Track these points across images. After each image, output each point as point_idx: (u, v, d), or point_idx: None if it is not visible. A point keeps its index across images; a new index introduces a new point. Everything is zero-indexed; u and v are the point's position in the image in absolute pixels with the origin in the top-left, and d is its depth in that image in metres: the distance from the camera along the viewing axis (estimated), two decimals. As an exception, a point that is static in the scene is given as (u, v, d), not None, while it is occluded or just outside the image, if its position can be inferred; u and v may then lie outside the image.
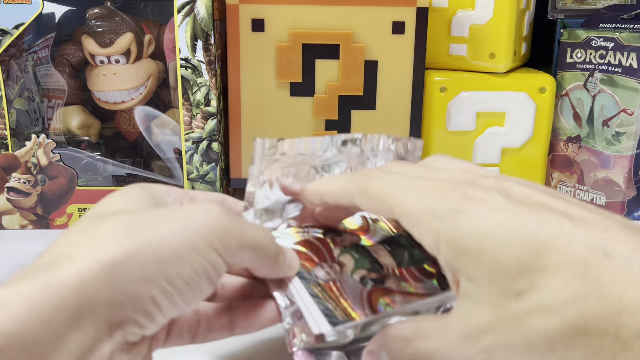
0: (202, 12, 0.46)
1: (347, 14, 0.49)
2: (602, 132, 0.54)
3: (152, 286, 0.22)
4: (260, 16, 0.49)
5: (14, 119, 0.49)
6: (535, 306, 0.21)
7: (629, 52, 0.51)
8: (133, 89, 0.51)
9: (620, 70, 0.52)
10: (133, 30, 0.50)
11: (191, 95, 0.48)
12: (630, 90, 0.51)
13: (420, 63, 0.51)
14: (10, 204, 0.49)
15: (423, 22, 0.50)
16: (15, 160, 0.49)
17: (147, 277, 0.21)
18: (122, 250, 0.21)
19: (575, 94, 0.55)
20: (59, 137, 0.51)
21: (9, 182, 0.49)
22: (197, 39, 0.47)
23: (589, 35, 0.54)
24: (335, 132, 0.52)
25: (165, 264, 0.22)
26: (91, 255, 0.21)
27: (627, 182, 0.53)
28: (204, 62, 0.47)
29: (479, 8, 0.53)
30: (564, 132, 0.57)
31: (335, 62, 0.50)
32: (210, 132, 0.49)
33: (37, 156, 0.49)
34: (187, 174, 0.49)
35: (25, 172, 0.49)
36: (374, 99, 0.51)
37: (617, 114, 0.52)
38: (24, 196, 0.49)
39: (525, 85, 0.54)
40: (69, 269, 0.20)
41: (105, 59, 0.50)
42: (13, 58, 0.48)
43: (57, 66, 0.51)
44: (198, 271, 0.23)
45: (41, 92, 0.51)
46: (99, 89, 0.51)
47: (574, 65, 0.55)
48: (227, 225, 0.24)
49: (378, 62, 0.51)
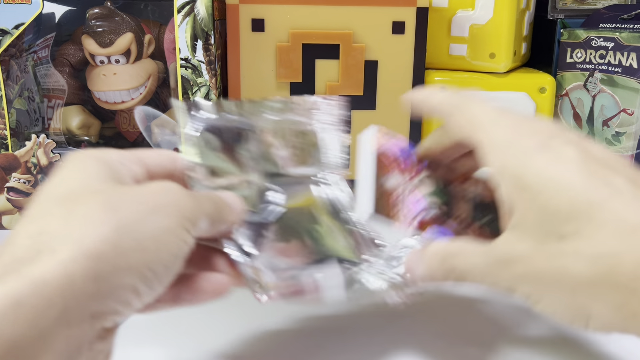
0: (202, 12, 0.46)
1: (347, 14, 0.49)
2: (602, 132, 0.54)
3: (135, 275, 0.21)
4: (260, 16, 0.49)
5: (14, 119, 0.49)
6: (573, 250, 0.22)
7: (629, 52, 0.51)
8: (133, 89, 0.51)
9: (620, 70, 0.52)
10: (133, 30, 0.50)
11: (191, 95, 0.48)
12: (630, 90, 0.51)
13: (420, 63, 0.51)
14: (10, 204, 0.49)
15: (423, 22, 0.50)
16: (15, 160, 0.49)
17: (130, 267, 0.21)
18: (106, 239, 0.21)
19: (575, 94, 0.55)
20: (59, 137, 0.51)
21: (9, 182, 0.49)
22: (197, 39, 0.47)
23: (589, 35, 0.54)
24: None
25: (147, 252, 0.22)
26: (74, 246, 0.20)
27: (627, 182, 0.53)
28: (204, 62, 0.47)
29: (479, 8, 0.53)
30: (564, 132, 0.57)
31: (335, 62, 0.50)
32: (210, 132, 0.49)
33: (37, 156, 0.49)
34: (187, 174, 0.49)
35: (25, 172, 0.49)
36: (374, 99, 0.51)
37: (617, 114, 0.52)
38: (24, 196, 0.49)
39: (525, 85, 0.54)
40: (53, 263, 0.20)
41: (105, 59, 0.50)
42: (13, 58, 0.48)
43: (57, 66, 0.51)
44: (176, 254, 0.23)
45: (41, 92, 0.51)
46: (99, 89, 0.51)
47: (574, 65, 0.55)
48: (190, 202, 0.24)
49: (378, 62, 0.51)
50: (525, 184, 0.24)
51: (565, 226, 0.22)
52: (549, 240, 0.23)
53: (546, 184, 0.23)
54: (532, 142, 0.25)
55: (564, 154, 0.24)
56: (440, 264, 0.27)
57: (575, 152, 0.24)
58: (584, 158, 0.24)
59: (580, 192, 0.22)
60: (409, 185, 0.30)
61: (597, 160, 0.24)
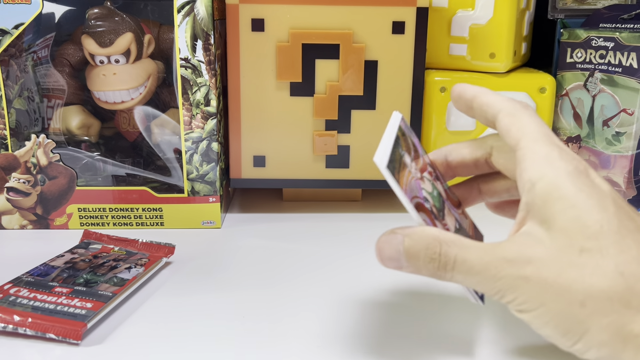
0: (202, 12, 0.46)
1: (347, 13, 0.49)
2: (602, 132, 0.54)
3: None
4: (260, 16, 0.49)
5: (13, 119, 0.49)
6: (593, 265, 0.23)
7: (629, 52, 0.51)
8: (133, 89, 0.51)
9: (620, 70, 0.52)
10: (133, 30, 0.50)
11: (191, 95, 0.48)
12: (630, 90, 0.51)
13: (420, 63, 0.51)
14: (10, 204, 0.49)
15: (423, 22, 0.50)
16: (15, 160, 0.49)
17: None
18: None
19: (576, 94, 0.55)
20: (59, 137, 0.51)
21: (9, 182, 0.49)
22: (197, 38, 0.47)
23: (589, 35, 0.53)
24: (335, 132, 0.52)
25: None
26: None
27: (627, 182, 0.53)
28: (203, 62, 0.47)
29: (479, 8, 0.53)
30: (564, 132, 0.57)
31: (335, 62, 0.50)
32: (210, 132, 0.49)
33: (37, 156, 0.49)
34: (187, 174, 0.49)
35: (25, 172, 0.49)
36: (374, 99, 0.51)
37: (617, 114, 0.52)
38: (23, 196, 0.49)
39: (525, 85, 0.54)
40: None
41: (105, 59, 0.50)
42: (13, 58, 0.48)
43: (57, 66, 0.51)
44: None
45: (41, 92, 0.51)
46: (99, 89, 0.51)
47: (574, 65, 0.55)
48: None
49: (378, 62, 0.51)
50: (563, 194, 0.25)
51: (590, 242, 0.24)
52: (570, 250, 0.24)
53: (583, 200, 0.24)
54: (574, 164, 0.26)
55: (601, 184, 0.26)
56: (427, 249, 0.26)
57: (609, 187, 0.26)
58: (616, 196, 0.26)
59: (611, 219, 0.24)
60: (417, 173, 0.30)
61: (623, 203, 0.26)
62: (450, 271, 0.26)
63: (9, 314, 0.33)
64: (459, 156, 0.33)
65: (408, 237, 0.27)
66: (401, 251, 0.26)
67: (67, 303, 0.34)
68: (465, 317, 0.35)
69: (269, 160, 0.53)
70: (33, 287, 0.36)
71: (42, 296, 0.35)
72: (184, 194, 0.50)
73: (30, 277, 0.38)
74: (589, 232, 0.24)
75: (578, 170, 0.26)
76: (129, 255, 0.42)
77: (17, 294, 0.35)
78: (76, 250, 0.43)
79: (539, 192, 0.25)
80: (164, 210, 0.50)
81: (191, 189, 0.50)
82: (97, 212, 0.50)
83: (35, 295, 0.35)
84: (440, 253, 0.26)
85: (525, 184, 0.26)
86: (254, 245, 0.47)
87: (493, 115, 0.29)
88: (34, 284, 0.37)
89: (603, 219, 0.24)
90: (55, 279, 0.38)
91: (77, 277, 0.38)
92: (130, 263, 0.40)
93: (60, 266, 0.40)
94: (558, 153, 0.26)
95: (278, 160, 0.53)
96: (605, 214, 0.24)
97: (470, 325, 0.34)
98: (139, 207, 0.50)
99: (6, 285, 0.36)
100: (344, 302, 0.37)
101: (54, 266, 0.39)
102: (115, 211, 0.50)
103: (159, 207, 0.50)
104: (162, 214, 0.50)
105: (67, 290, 0.36)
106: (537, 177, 0.26)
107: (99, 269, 0.39)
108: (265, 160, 0.53)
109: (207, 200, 0.50)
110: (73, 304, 0.34)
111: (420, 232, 0.27)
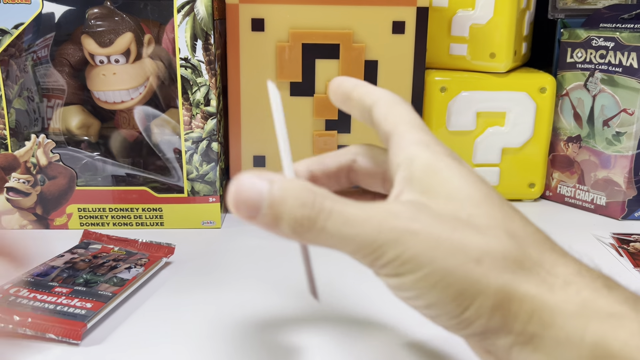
0: (202, 12, 0.46)
1: (347, 13, 0.49)
2: (602, 132, 0.54)
3: None
4: (260, 16, 0.49)
5: (13, 119, 0.49)
6: (484, 226, 0.23)
7: (630, 52, 0.51)
8: (133, 88, 0.51)
9: (620, 70, 0.52)
10: (133, 30, 0.50)
11: (191, 95, 0.48)
12: (630, 90, 0.51)
13: (420, 63, 0.51)
14: (10, 204, 0.49)
15: (423, 21, 0.50)
16: (15, 160, 0.49)
17: None
18: None
19: (576, 94, 0.55)
20: (59, 137, 0.51)
21: (9, 182, 0.49)
22: (197, 38, 0.47)
23: (590, 35, 0.53)
24: (335, 132, 0.52)
25: None
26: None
27: (627, 182, 0.53)
28: (203, 62, 0.47)
29: (479, 8, 0.53)
30: (564, 132, 0.57)
31: (335, 62, 0.50)
32: (210, 132, 0.49)
33: (37, 156, 0.49)
34: (187, 174, 0.49)
35: (25, 172, 0.49)
36: (374, 99, 0.51)
37: (618, 113, 0.52)
38: (23, 196, 0.49)
39: (525, 85, 0.54)
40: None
41: (105, 59, 0.50)
42: (12, 58, 0.48)
43: (57, 66, 0.51)
44: None
45: (41, 92, 0.51)
46: (99, 89, 0.51)
47: (574, 65, 0.55)
48: None
49: (378, 62, 0.51)
50: (445, 166, 0.24)
51: (477, 208, 0.23)
52: (459, 215, 0.23)
53: (465, 174, 0.24)
54: (449, 151, 0.26)
55: (469, 167, 0.26)
56: (296, 197, 0.23)
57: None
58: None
59: (491, 191, 0.25)
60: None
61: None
62: (323, 222, 0.22)
63: (9, 314, 0.33)
64: (321, 166, 0.32)
65: (276, 183, 0.23)
66: (264, 195, 0.22)
67: (67, 303, 0.34)
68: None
69: (269, 160, 0.53)
70: (33, 287, 0.36)
71: (42, 296, 0.35)
72: (184, 194, 0.50)
73: (30, 277, 0.38)
74: (474, 200, 0.23)
75: (454, 155, 0.26)
76: (128, 255, 0.42)
77: (17, 294, 0.35)
78: (76, 250, 0.43)
79: (419, 166, 0.25)
80: (163, 210, 0.50)
81: (191, 189, 0.50)
82: (97, 212, 0.50)
83: (35, 295, 0.35)
84: (314, 202, 0.22)
85: (403, 161, 0.25)
86: (254, 245, 0.47)
87: (371, 103, 0.28)
88: (34, 284, 0.37)
89: (486, 190, 0.24)
90: (55, 279, 0.38)
91: (77, 277, 0.38)
92: (130, 263, 0.40)
93: (60, 266, 0.40)
94: (434, 140, 0.26)
95: (278, 160, 0.53)
96: (486, 187, 0.24)
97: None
98: (138, 207, 0.50)
99: (6, 285, 0.36)
100: (344, 302, 0.37)
101: (53, 266, 0.39)
102: (115, 211, 0.50)
103: (158, 207, 0.50)
104: (162, 214, 0.50)
105: (67, 290, 0.36)
106: (415, 155, 0.25)
107: (99, 269, 0.39)
108: (265, 160, 0.53)
109: (207, 200, 0.50)
110: (73, 304, 0.34)
111: (291, 180, 0.23)
